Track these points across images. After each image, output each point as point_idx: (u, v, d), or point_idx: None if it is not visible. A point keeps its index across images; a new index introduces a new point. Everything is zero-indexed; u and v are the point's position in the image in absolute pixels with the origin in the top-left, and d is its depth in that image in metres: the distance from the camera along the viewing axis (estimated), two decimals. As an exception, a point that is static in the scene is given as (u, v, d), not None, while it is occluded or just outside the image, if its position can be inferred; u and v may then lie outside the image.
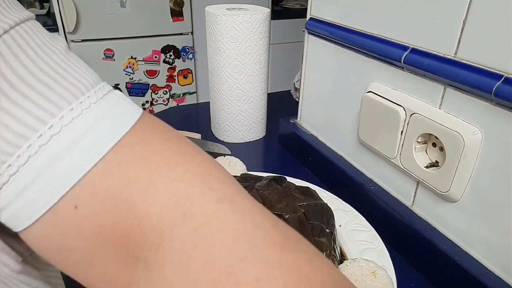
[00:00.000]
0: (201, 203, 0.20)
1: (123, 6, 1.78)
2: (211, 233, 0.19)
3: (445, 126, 0.41)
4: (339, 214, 0.51)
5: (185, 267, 0.19)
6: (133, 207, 0.20)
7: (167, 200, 0.20)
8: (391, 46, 0.47)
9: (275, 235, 0.20)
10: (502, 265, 0.39)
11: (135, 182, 0.20)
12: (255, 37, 0.68)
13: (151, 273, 0.20)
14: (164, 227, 0.19)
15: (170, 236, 0.19)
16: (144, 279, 0.20)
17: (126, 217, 0.20)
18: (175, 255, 0.19)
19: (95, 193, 0.19)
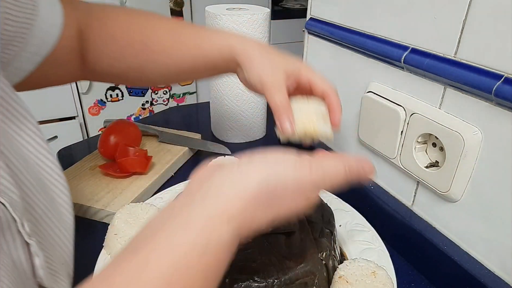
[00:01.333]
0: None
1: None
2: None
3: (445, 126, 0.41)
4: (339, 214, 0.51)
5: None
6: None
7: None
8: (391, 46, 0.47)
9: None
10: (502, 265, 0.39)
11: None
12: (255, 37, 0.68)
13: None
14: None
15: None
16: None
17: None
18: None
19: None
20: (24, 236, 0.27)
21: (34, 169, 0.32)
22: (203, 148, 0.70)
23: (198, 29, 0.49)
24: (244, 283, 0.34)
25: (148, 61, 0.48)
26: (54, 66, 0.44)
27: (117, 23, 0.49)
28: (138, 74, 0.49)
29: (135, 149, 0.59)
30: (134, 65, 0.48)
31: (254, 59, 0.45)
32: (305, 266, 0.36)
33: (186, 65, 0.48)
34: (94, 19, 0.47)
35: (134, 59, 0.48)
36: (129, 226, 0.42)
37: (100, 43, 0.47)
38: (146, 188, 0.57)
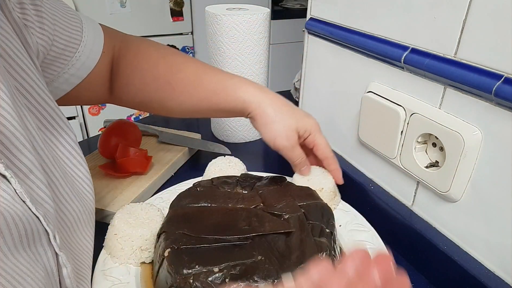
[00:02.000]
0: None
1: (123, 6, 1.78)
2: None
3: (445, 126, 0.41)
4: (339, 214, 0.51)
5: None
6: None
7: None
8: (391, 46, 0.47)
9: None
10: (502, 265, 0.39)
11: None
12: (255, 37, 0.68)
13: None
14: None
15: None
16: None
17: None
18: None
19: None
20: (55, 248, 0.29)
21: (70, 179, 0.34)
22: (203, 148, 0.70)
23: (219, 77, 0.52)
24: (244, 283, 0.34)
25: (169, 98, 0.52)
26: (87, 89, 0.47)
27: (147, 57, 0.52)
28: (159, 106, 0.54)
29: (135, 149, 0.59)
30: (156, 98, 0.53)
31: (268, 121, 0.49)
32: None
33: (203, 107, 0.53)
34: (128, 52, 0.52)
35: (157, 94, 0.52)
36: (129, 226, 0.42)
37: (129, 73, 0.51)
38: (146, 188, 0.57)
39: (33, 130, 0.30)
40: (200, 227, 0.40)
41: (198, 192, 0.47)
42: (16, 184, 0.25)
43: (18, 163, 0.27)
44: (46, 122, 0.32)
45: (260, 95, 0.50)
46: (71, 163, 0.35)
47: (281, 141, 0.49)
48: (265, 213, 0.43)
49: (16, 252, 0.24)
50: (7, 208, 0.24)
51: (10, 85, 0.28)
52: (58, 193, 0.31)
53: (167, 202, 0.48)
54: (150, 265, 0.42)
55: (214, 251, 0.37)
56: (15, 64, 0.30)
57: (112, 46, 0.50)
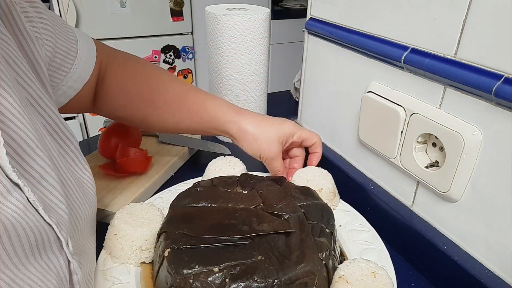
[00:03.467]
0: None
1: (123, 6, 1.78)
2: None
3: (445, 126, 0.41)
4: (339, 214, 0.51)
5: None
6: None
7: None
8: (391, 46, 0.47)
9: None
10: (502, 265, 0.39)
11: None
12: (255, 37, 0.68)
13: None
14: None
15: None
16: None
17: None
18: None
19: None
20: (67, 255, 0.29)
21: (80, 184, 0.34)
22: (203, 148, 0.70)
23: (201, 98, 0.54)
24: (244, 283, 0.34)
25: (152, 115, 0.54)
26: (77, 101, 0.48)
27: (132, 74, 0.54)
28: (141, 122, 0.56)
29: (135, 149, 0.59)
30: (138, 115, 0.54)
31: (251, 138, 0.53)
32: (305, 266, 0.36)
33: (184, 126, 0.55)
34: (113, 67, 0.53)
35: (139, 111, 0.54)
36: (129, 226, 0.42)
37: (113, 90, 0.53)
38: (146, 188, 0.57)
39: (45, 135, 0.30)
40: (200, 227, 0.40)
41: (198, 192, 0.47)
42: (29, 193, 0.25)
43: (30, 170, 0.27)
44: (51, 129, 0.33)
45: (238, 116, 0.53)
46: (77, 168, 0.35)
47: (265, 154, 0.53)
48: (265, 213, 0.43)
49: (27, 262, 0.24)
50: (19, 218, 0.24)
51: (19, 90, 0.28)
52: (71, 198, 0.31)
53: (167, 202, 0.48)
54: (150, 265, 0.42)
55: (214, 251, 0.37)
56: (22, 73, 0.30)
57: (99, 59, 0.51)
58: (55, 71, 0.42)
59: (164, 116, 0.54)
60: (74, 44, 0.45)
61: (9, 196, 0.24)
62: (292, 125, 0.55)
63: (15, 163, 0.25)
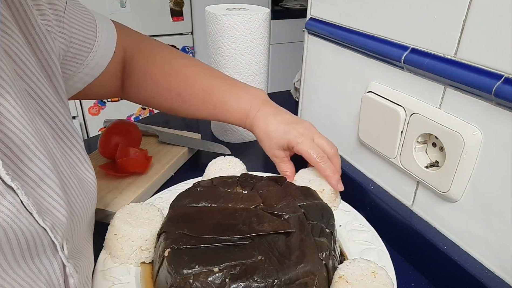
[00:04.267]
0: None
1: (123, 6, 1.78)
2: None
3: (445, 126, 0.41)
4: (339, 214, 0.51)
5: None
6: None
7: None
8: (391, 46, 0.47)
9: None
10: (502, 265, 0.39)
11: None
12: (255, 37, 0.68)
13: None
14: None
15: None
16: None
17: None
18: None
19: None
20: (63, 260, 0.28)
21: (83, 184, 0.34)
22: (203, 148, 0.70)
23: (225, 95, 0.57)
24: (244, 283, 0.34)
25: (179, 107, 0.57)
26: (99, 86, 0.49)
27: (160, 65, 0.55)
28: (168, 111, 0.60)
29: (135, 149, 0.59)
30: (165, 106, 0.58)
31: (259, 139, 0.57)
32: (305, 266, 0.36)
33: (210, 118, 0.60)
34: (141, 54, 0.53)
35: (166, 102, 0.57)
36: (129, 226, 0.42)
37: (141, 80, 0.54)
38: (146, 188, 0.57)
39: (47, 136, 0.29)
40: (200, 227, 0.40)
41: (198, 192, 0.47)
42: (23, 196, 0.25)
43: (28, 171, 0.26)
44: (56, 128, 0.32)
45: (255, 115, 0.55)
46: (82, 167, 0.35)
47: (270, 156, 0.57)
48: (265, 213, 0.43)
49: (16, 266, 0.24)
50: (11, 222, 0.23)
51: (21, 90, 0.28)
52: (72, 199, 0.31)
53: (167, 202, 0.48)
54: (150, 265, 0.42)
55: (214, 251, 0.37)
56: (26, 68, 0.30)
57: (124, 45, 0.51)
58: (71, 60, 0.42)
59: (191, 110, 0.57)
60: (92, 31, 0.44)
61: (2, 199, 0.23)
62: (298, 134, 0.53)
63: (11, 165, 0.25)
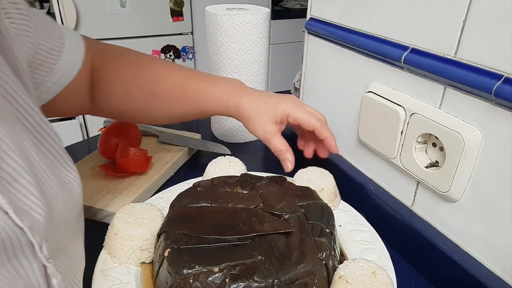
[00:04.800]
0: None
1: (123, 6, 1.78)
2: None
3: (445, 126, 0.41)
4: (339, 214, 0.51)
5: None
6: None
7: None
8: (391, 46, 0.47)
9: None
10: (502, 265, 0.39)
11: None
12: (255, 37, 0.68)
13: None
14: None
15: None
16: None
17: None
18: None
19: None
20: (42, 260, 0.27)
21: (63, 183, 0.32)
22: (203, 148, 0.70)
23: (202, 84, 0.53)
24: (244, 283, 0.34)
25: (155, 106, 0.53)
26: (67, 98, 0.47)
27: (128, 66, 0.52)
28: (144, 115, 0.54)
29: (135, 149, 0.59)
30: (141, 107, 0.53)
31: (246, 118, 0.52)
32: (305, 266, 0.36)
33: (190, 113, 0.55)
34: (108, 60, 0.52)
35: (142, 103, 0.53)
36: (129, 226, 0.42)
37: (111, 84, 0.51)
38: (146, 188, 0.57)
39: (22, 136, 0.28)
40: (200, 227, 0.40)
41: (198, 192, 0.47)
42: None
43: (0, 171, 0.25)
44: (33, 129, 0.31)
45: (239, 98, 0.52)
46: (62, 168, 0.33)
47: (259, 134, 0.52)
48: (265, 213, 0.43)
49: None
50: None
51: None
52: (52, 200, 0.29)
53: (167, 202, 0.48)
54: (150, 265, 0.42)
55: (214, 251, 0.37)
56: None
57: (90, 54, 0.50)
58: (38, 67, 0.41)
59: (167, 106, 0.53)
60: (58, 40, 0.43)
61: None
62: (291, 103, 0.53)
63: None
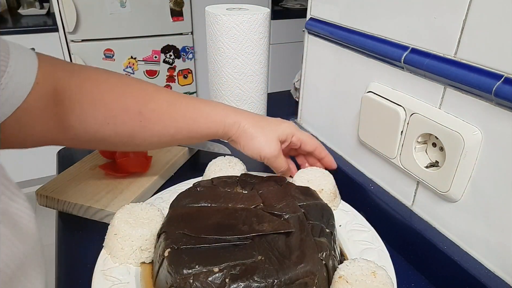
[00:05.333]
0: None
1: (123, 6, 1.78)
2: None
3: (445, 126, 0.41)
4: (339, 214, 0.51)
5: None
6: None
7: None
8: (391, 46, 0.47)
9: None
10: (502, 265, 0.39)
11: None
12: (255, 37, 0.68)
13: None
14: None
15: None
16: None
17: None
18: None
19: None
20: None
21: (10, 218, 0.27)
22: (203, 148, 0.70)
23: (194, 102, 0.50)
24: (244, 283, 0.34)
25: (141, 129, 0.47)
26: (21, 126, 0.41)
27: (109, 87, 0.47)
28: (127, 140, 0.48)
29: (135, 149, 0.59)
30: (124, 131, 0.47)
31: (250, 137, 0.50)
32: (305, 266, 0.36)
33: (180, 136, 0.50)
34: (83, 82, 0.45)
35: (125, 126, 0.46)
36: (129, 226, 0.42)
37: (87, 107, 0.45)
38: (146, 188, 0.57)
39: None
40: (200, 227, 0.40)
41: (198, 192, 0.47)
42: None
43: None
44: None
45: (237, 116, 0.51)
46: (6, 198, 0.28)
47: (266, 152, 0.51)
48: (265, 213, 0.43)
49: None
50: None
51: None
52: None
53: (167, 202, 0.48)
54: (150, 265, 0.42)
55: (214, 251, 0.37)
56: None
57: (53, 76, 0.43)
58: None
59: (156, 129, 0.48)
60: (3, 59, 0.37)
61: None
62: (292, 125, 0.54)
63: None
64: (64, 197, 0.53)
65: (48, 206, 0.55)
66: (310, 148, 0.55)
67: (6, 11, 2.04)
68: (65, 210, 0.54)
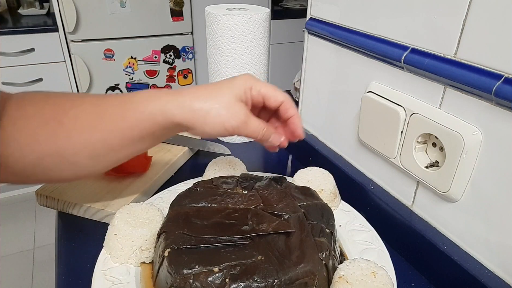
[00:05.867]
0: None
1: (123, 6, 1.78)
2: None
3: (445, 126, 0.41)
4: (339, 214, 0.51)
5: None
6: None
7: None
8: (391, 46, 0.47)
9: None
10: (502, 265, 0.39)
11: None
12: (255, 37, 0.68)
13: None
14: None
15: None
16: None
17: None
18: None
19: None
20: None
21: None
22: (203, 148, 0.70)
23: (124, 98, 0.41)
24: (244, 283, 0.34)
25: (66, 142, 0.39)
26: None
27: (30, 102, 0.40)
28: (57, 159, 0.40)
29: (135, 149, 0.59)
30: (49, 149, 0.39)
31: (202, 113, 0.40)
32: (305, 266, 0.36)
33: (114, 141, 0.41)
34: (7, 106, 0.39)
35: (48, 143, 0.39)
36: (129, 226, 0.42)
37: (10, 129, 0.38)
38: (146, 188, 0.57)
39: None
40: (200, 227, 0.40)
41: (198, 192, 0.47)
42: None
43: None
44: None
45: (177, 97, 0.40)
46: None
47: (230, 122, 0.40)
48: (265, 213, 0.43)
49: None
50: None
51: None
52: None
53: (167, 202, 0.48)
54: (150, 265, 0.42)
55: (214, 251, 0.37)
56: None
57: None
58: None
59: (83, 138, 0.40)
60: None
61: None
62: (248, 77, 0.43)
63: None
64: (64, 197, 0.53)
65: (48, 206, 0.55)
66: (274, 103, 0.43)
67: (6, 11, 2.04)
68: (65, 210, 0.54)
